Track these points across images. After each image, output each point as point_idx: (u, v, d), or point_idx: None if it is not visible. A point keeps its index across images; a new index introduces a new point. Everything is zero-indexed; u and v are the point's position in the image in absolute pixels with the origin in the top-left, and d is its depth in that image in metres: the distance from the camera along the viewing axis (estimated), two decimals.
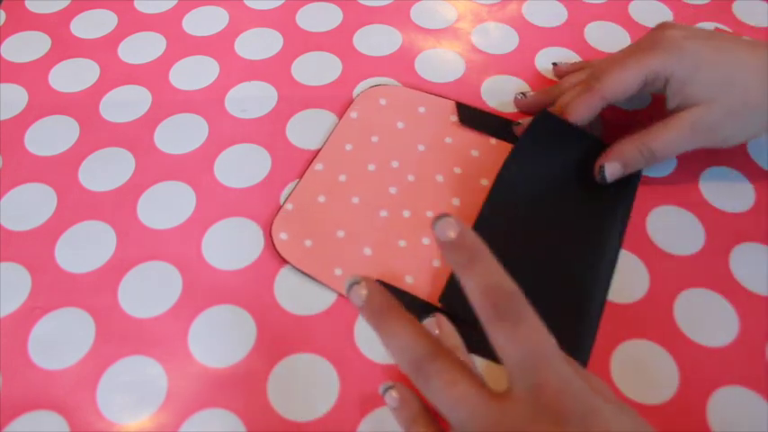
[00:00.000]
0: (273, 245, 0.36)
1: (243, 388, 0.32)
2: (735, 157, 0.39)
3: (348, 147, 0.41)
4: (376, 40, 0.47)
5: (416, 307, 0.34)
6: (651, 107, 0.43)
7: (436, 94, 0.44)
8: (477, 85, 0.44)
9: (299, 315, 0.34)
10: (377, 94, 0.44)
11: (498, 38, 0.47)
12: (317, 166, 0.40)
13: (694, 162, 0.38)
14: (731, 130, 0.35)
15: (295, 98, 0.44)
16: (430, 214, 0.38)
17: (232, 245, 0.37)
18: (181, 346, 0.33)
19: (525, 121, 0.40)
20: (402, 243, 0.37)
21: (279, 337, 0.33)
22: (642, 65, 0.34)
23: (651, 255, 0.36)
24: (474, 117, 0.42)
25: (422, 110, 0.43)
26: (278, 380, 0.32)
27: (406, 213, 0.38)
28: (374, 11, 0.49)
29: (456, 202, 0.38)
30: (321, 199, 0.38)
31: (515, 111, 0.43)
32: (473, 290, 0.25)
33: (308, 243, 0.36)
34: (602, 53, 0.46)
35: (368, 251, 0.36)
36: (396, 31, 0.48)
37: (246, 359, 0.33)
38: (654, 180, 0.39)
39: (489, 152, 0.40)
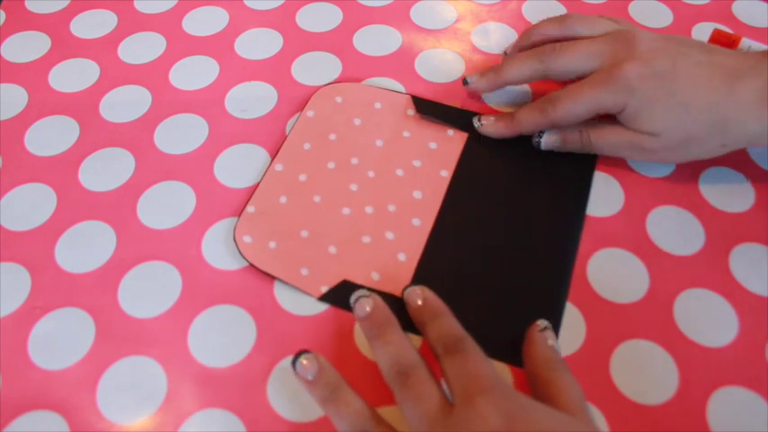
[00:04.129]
0: (238, 249, 0.36)
1: (243, 388, 0.32)
2: (734, 157, 0.39)
3: (306, 146, 0.41)
4: (376, 40, 0.47)
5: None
6: None
7: (391, 90, 0.44)
8: None
9: (299, 315, 0.34)
10: (332, 92, 0.43)
11: (498, 38, 0.47)
12: (277, 166, 0.40)
13: (694, 162, 0.38)
14: (668, 158, 0.37)
15: (295, 98, 0.44)
16: (392, 209, 0.38)
17: (232, 245, 0.37)
18: (181, 346, 0.33)
19: (486, 118, 0.41)
20: (366, 239, 0.37)
21: (279, 337, 0.33)
22: (595, 101, 0.36)
23: (651, 255, 0.36)
24: (430, 108, 0.42)
25: (378, 105, 0.43)
26: (278, 380, 0.32)
27: (369, 209, 0.38)
28: (374, 11, 0.49)
29: (417, 195, 0.38)
30: (282, 200, 0.38)
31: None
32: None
33: (272, 245, 0.36)
34: None
35: (333, 249, 0.36)
36: (396, 31, 0.48)
37: (246, 359, 0.33)
38: (653, 180, 0.39)
39: (447, 143, 0.41)
